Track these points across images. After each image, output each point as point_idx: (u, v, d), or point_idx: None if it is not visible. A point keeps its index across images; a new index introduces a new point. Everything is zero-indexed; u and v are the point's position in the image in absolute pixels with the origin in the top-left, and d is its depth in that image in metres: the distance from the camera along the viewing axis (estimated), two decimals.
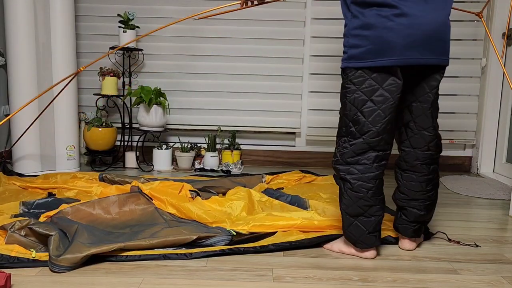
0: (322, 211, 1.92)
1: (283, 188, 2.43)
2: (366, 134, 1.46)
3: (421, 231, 1.63)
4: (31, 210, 1.91)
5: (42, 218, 1.70)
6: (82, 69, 1.95)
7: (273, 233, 1.70)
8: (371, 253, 1.56)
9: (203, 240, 1.58)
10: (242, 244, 1.60)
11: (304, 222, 1.74)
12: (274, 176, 2.59)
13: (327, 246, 1.65)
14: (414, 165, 1.55)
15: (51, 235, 1.46)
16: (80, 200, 2.00)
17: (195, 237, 1.55)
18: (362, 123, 1.46)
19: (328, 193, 2.24)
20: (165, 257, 1.48)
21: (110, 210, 1.80)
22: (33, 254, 1.44)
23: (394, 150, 1.95)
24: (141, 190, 2.00)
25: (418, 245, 1.68)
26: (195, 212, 1.81)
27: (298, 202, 2.07)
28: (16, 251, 1.46)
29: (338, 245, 1.62)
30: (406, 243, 1.63)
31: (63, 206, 1.78)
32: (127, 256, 1.46)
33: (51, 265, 1.36)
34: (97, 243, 1.45)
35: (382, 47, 1.39)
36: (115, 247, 1.44)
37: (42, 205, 1.95)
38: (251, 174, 2.73)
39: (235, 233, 1.67)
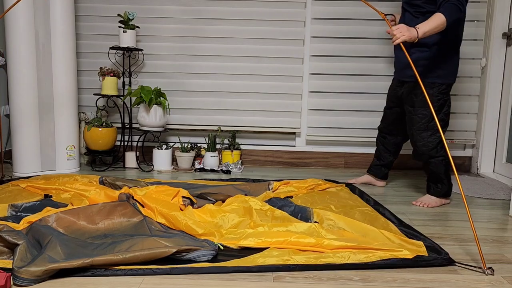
0: (327, 224, 1.80)
1: (292, 197, 2.28)
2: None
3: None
4: (19, 214, 1.86)
5: (23, 223, 1.63)
6: None
7: (265, 248, 1.55)
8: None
9: (184, 254, 1.44)
10: (227, 261, 1.45)
11: (298, 239, 1.56)
12: (282, 183, 2.46)
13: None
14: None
15: (18, 245, 1.39)
16: (72, 204, 1.93)
17: (174, 251, 1.41)
18: None
19: (340, 207, 2.11)
20: (148, 270, 1.37)
21: (95, 219, 1.71)
22: None
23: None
24: (129, 199, 1.90)
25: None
26: (184, 222, 1.70)
27: (302, 213, 1.93)
28: None
29: None
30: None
31: (47, 210, 1.71)
32: (114, 270, 1.35)
33: (13, 276, 1.28)
34: (68, 256, 1.37)
35: None
36: (81, 263, 1.33)
37: (29, 209, 1.90)
38: (257, 180, 2.59)
39: (222, 248, 1.56)
